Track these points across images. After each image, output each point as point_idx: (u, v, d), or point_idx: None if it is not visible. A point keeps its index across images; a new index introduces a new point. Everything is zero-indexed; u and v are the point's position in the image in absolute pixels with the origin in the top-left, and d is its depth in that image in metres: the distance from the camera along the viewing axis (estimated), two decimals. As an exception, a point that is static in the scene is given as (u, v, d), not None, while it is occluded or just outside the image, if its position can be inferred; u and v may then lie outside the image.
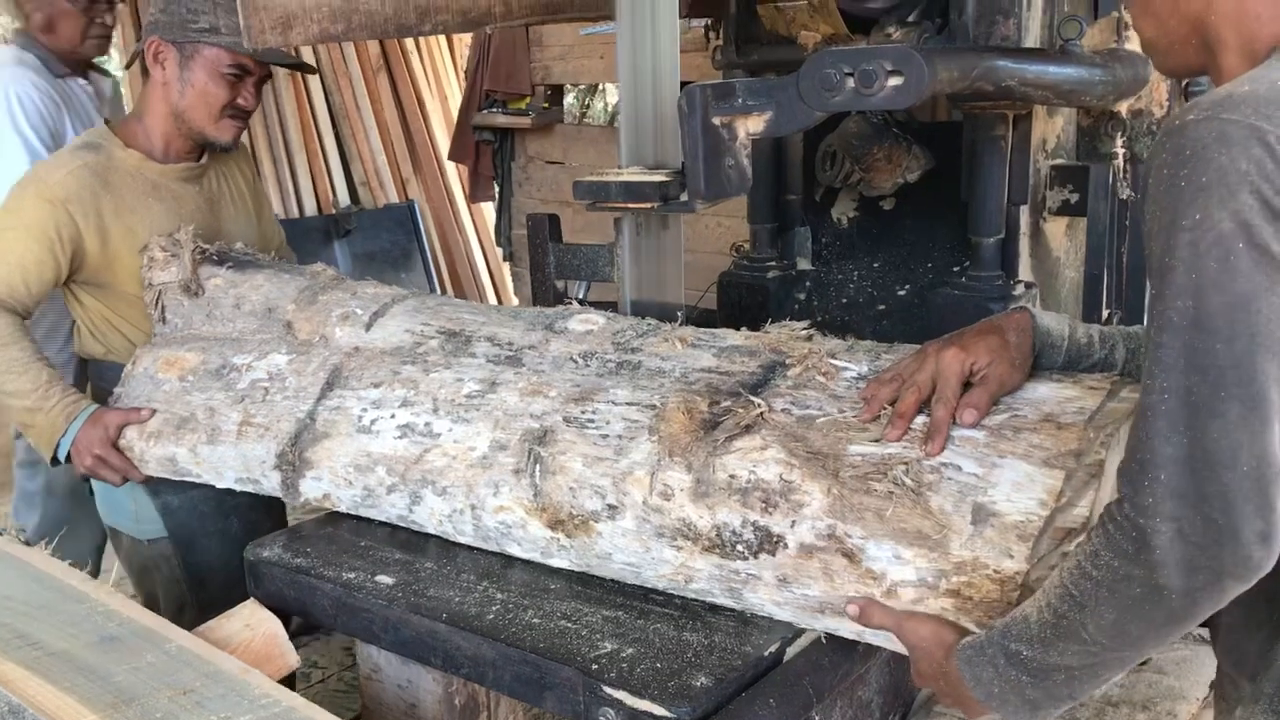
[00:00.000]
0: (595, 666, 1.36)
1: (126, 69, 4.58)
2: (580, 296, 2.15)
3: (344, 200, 5.50)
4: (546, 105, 5.02)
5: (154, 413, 1.98)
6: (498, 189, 5.36)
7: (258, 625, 1.62)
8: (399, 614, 1.56)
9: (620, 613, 1.50)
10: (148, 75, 2.20)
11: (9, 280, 2.06)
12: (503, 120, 5.08)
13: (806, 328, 1.63)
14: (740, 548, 1.38)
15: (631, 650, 1.40)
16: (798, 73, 1.53)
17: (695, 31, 3.14)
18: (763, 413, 1.42)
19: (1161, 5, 1.17)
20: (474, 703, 1.63)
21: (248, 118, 2.26)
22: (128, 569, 2.34)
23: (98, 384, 2.25)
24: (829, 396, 1.45)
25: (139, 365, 2.07)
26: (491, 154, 5.21)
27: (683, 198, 1.77)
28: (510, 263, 5.53)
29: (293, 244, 2.60)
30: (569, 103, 5.64)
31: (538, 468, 1.54)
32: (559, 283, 2.18)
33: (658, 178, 1.82)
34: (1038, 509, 1.22)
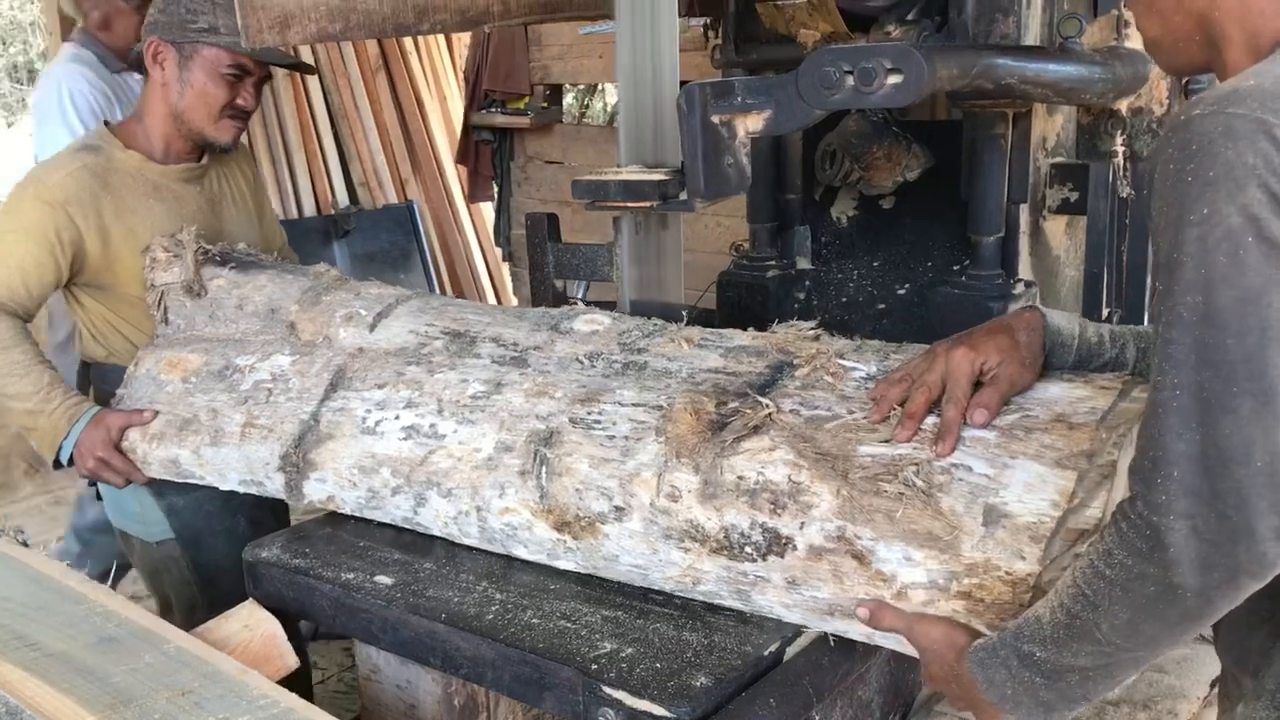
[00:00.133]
0: (595, 666, 1.36)
1: (134, 69, 4.57)
2: (580, 296, 2.15)
3: (343, 201, 5.48)
4: (545, 105, 5.02)
5: (156, 414, 1.98)
6: (497, 189, 5.35)
7: (256, 626, 1.62)
8: (398, 614, 1.55)
9: (620, 613, 1.49)
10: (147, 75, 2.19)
11: (9, 283, 2.05)
12: (501, 120, 5.07)
13: (814, 327, 1.62)
14: (749, 549, 1.37)
15: (631, 650, 1.39)
16: (797, 71, 1.53)
17: (694, 30, 3.14)
18: (771, 413, 1.42)
19: (1165, 3, 1.17)
20: (473, 703, 1.62)
21: (247, 118, 2.25)
22: (140, 571, 2.34)
23: (100, 387, 2.24)
24: (838, 397, 1.44)
25: (141, 367, 2.06)
26: (490, 154, 5.20)
27: (682, 196, 1.77)
28: (509, 263, 5.52)
29: (292, 244, 2.60)
30: (568, 102, 5.63)
31: (544, 469, 1.53)
32: (558, 282, 2.17)
33: (657, 176, 1.81)
34: (1050, 510, 1.21)
